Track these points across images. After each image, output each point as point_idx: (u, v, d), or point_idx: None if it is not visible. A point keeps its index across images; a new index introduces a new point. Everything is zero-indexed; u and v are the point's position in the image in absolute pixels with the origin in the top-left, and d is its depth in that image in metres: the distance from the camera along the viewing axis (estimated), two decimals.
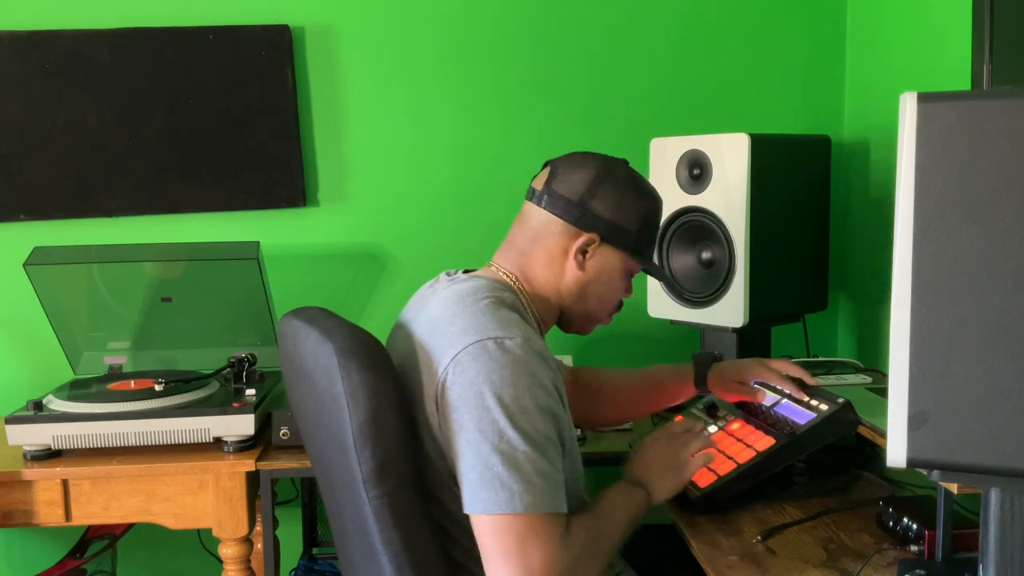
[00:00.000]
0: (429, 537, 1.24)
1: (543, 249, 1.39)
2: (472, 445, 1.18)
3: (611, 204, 1.37)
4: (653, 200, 1.44)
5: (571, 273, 1.39)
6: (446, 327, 1.26)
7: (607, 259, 1.40)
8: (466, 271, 1.43)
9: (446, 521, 1.28)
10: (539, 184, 1.41)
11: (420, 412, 1.26)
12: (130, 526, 2.25)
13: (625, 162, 1.44)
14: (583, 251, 1.38)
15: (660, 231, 2.04)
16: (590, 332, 1.50)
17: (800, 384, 1.61)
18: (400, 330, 1.40)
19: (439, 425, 1.23)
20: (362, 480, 1.19)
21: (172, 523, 1.85)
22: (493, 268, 1.42)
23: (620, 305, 1.49)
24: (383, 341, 1.30)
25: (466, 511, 1.19)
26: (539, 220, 1.39)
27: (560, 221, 1.37)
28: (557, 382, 1.26)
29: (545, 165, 1.44)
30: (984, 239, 0.87)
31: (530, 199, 1.41)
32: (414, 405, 1.27)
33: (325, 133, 2.32)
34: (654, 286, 2.09)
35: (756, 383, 1.66)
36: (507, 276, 1.39)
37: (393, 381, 1.21)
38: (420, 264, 2.34)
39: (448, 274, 1.43)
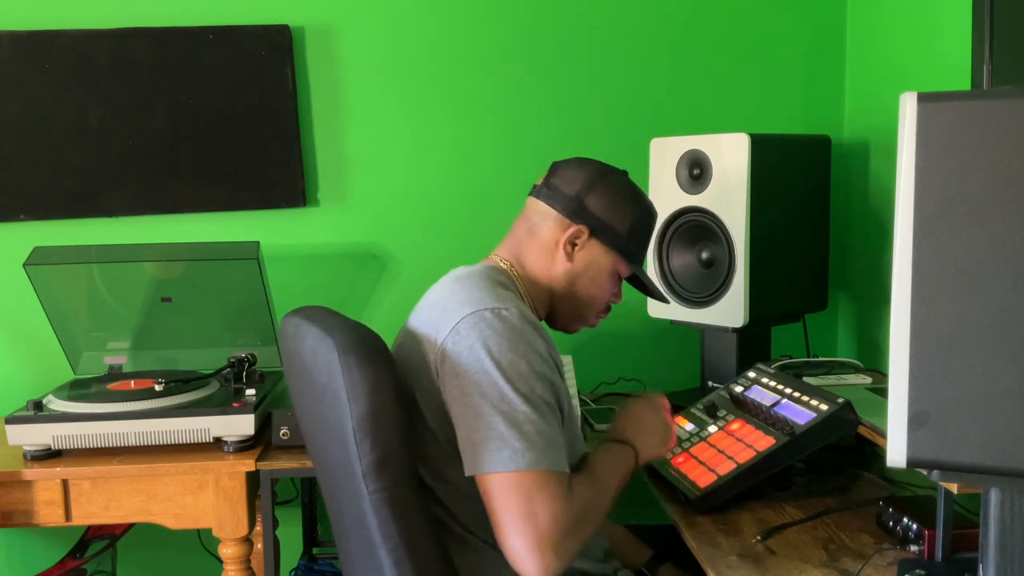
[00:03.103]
0: (427, 531, 1.25)
1: (538, 239, 1.46)
2: (472, 408, 1.21)
3: (604, 203, 1.44)
4: (647, 210, 1.50)
5: (561, 264, 1.44)
6: (445, 303, 1.32)
7: (595, 255, 1.45)
8: None
9: (454, 501, 1.30)
10: (541, 180, 1.49)
11: (422, 388, 1.29)
12: (130, 526, 2.25)
13: (625, 172, 1.51)
14: (572, 243, 1.44)
15: (660, 231, 2.05)
16: (576, 331, 1.54)
17: None
18: (404, 329, 1.43)
19: (440, 393, 1.26)
20: (361, 474, 1.20)
21: (172, 523, 1.84)
22: (493, 258, 1.49)
23: (608, 308, 1.53)
24: (384, 340, 1.31)
25: (469, 473, 1.22)
26: (537, 212, 1.47)
27: (555, 213, 1.45)
28: (552, 352, 1.30)
29: (551, 166, 1.51)
30: (984, 239, 0.87)
31: (532, 194, 1.49)
32: (416, 387, 1.30)
33: (325, 133, 2.32)
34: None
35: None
36: (503, 263, 1.46)
37: (393, 376, 1.22)
38: (420, 264, 2.34)
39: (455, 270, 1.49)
